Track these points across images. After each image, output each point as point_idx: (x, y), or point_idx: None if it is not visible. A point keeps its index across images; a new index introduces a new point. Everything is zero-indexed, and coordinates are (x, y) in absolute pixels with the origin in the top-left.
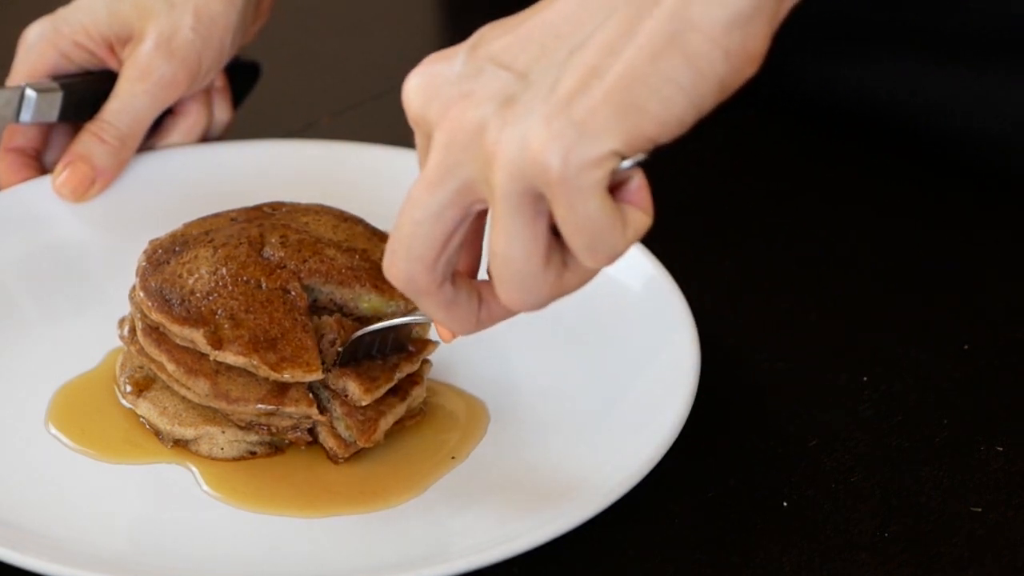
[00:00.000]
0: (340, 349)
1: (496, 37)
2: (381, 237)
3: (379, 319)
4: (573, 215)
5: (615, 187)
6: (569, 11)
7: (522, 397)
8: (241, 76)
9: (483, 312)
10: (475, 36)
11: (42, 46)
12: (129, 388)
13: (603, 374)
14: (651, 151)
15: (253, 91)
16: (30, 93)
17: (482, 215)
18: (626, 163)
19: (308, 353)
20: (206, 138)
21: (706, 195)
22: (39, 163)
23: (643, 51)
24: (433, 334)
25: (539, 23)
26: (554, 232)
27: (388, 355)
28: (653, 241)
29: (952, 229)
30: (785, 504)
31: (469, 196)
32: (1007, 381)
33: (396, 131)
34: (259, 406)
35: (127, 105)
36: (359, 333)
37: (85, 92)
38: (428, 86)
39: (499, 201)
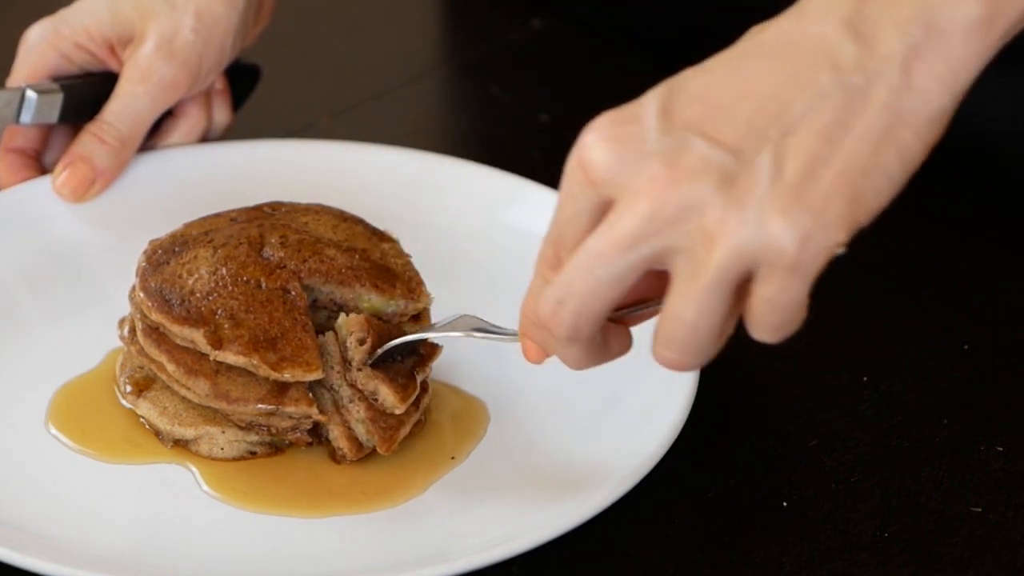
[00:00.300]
0: (379, 350)
1: (688, 104)
2: (381, 237)
3: (378, 318)
4: (782, 298)
5: None
6: (771, 88)
7: (522, 397)
8: (241, 79)
9: (604, 352)
10: (659, 99)
11: (43, 47)
12: (129, 388)
13: (603, 374)
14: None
15: (253, 91)
16: (31, 94)
17: None
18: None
19: (308, 353)
20: (205, 140)
21: None
22: (39, 164)
23: (863, 144)
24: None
25: (739, 95)
26: None
27: (405, 359)
28: None
29: (952, 229)
30: (785, 504)
31: (654, 262)
32: (1007, 381)
33: (396, 131)
34: (259, 406)
35: (127, 106)
36: (402, 340)
37: (86, 93)
38: (622, 150)
39: (708, 276)
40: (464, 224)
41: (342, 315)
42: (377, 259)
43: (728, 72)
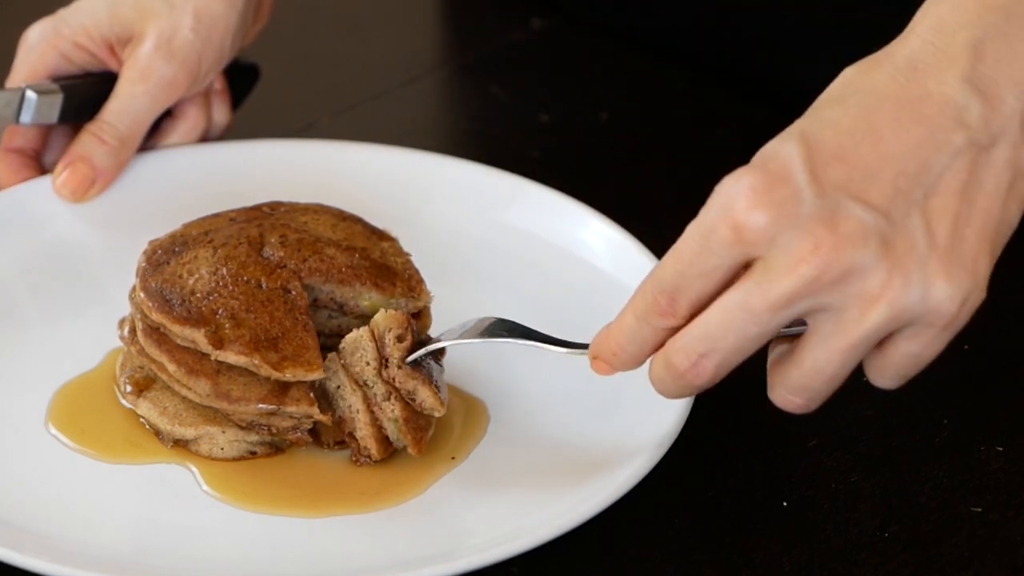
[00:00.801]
0: (422, 351)
1: (832, 165)
2: (380, 236)
3: None
4: (927, 353)
5: None
6: (909, 148)
7: (522, 397)
8: (240, 78)
9: None
10: (803, 158)
11: (42, 47)
12: (129, 388)
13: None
14: None
15: (253, 91)
16: (30, 95)
17: None
18: None
19: (309, 352)
20: (205, 140)
21: (707, 195)
22: (39, 164)
23: (994, 200)
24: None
25: (879, 156)
26: None
27: (428, 361)
28: (655, 241)
29: None
30: (785, 504)
31: (798, 317)
32: (1007, 381)
33: (396, 131)
34: (260, 406)
35: (127, 106)
36: (446, 344)
37: (85, 93)
38: (780, 214)
39: (859, 333)
40: (464, 224)
41: (381, 310)
42: (377, 258)
43: (862, 130)
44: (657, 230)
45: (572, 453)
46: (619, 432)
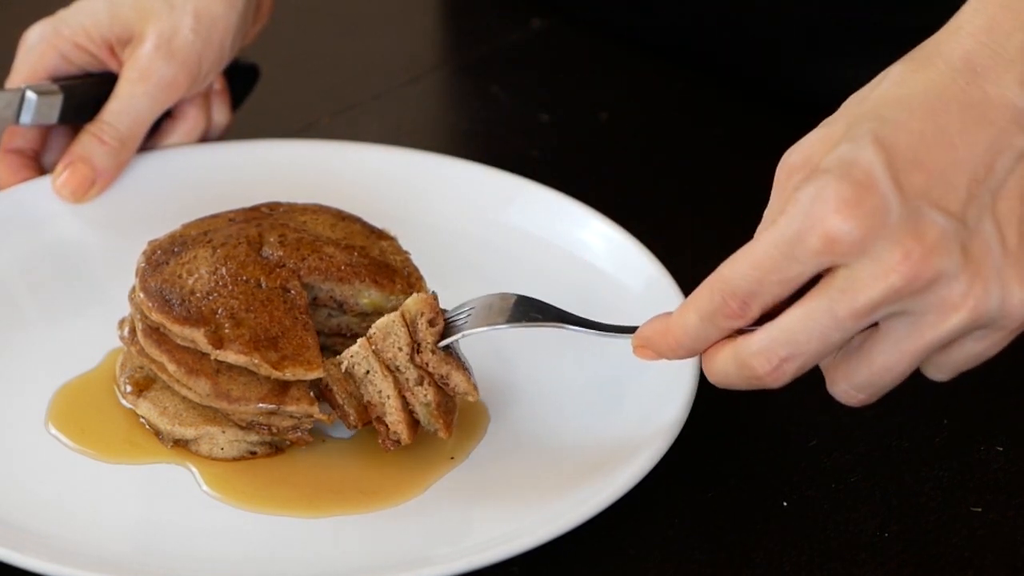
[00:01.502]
0: (455, 336)
1: (911, 171)
2: (379, 235)
3: (379, 314)
4: (991, 352)
5: None
6: (976, 153)
7: (522, 397)
8: (240, 78)
9: None
10: (884, 165)
11: (42, 48)
12: (129, 388)
13: (603, 374)
14: None
15: (253, 91)
16: (30, 96)
17: None
18: None
19: (309, 351)
20: (204, 140)
21: (707, 195)
22: (38, 164)
23: None
24: None
25: (952, 162)
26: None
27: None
28: (654, 241)
29: None
30: (785, 504)
31: (875, 321)
32: (1007, 381)
33: (396, 131)
34: (260, 405)
35: (127, 106)
36: (482, 330)
37: (85, 94)
38: (871, 226)
39: (935, 337)
40: (464, 224)
41: (414, 295)
42: (376, 255)
43: (931, 133)
44: (657, 230)
45: (572, 453)
46: (619, 432)
